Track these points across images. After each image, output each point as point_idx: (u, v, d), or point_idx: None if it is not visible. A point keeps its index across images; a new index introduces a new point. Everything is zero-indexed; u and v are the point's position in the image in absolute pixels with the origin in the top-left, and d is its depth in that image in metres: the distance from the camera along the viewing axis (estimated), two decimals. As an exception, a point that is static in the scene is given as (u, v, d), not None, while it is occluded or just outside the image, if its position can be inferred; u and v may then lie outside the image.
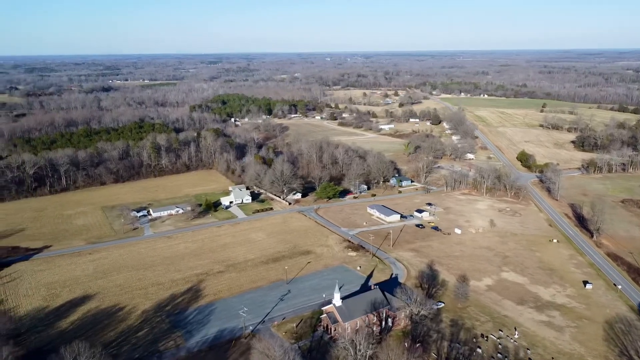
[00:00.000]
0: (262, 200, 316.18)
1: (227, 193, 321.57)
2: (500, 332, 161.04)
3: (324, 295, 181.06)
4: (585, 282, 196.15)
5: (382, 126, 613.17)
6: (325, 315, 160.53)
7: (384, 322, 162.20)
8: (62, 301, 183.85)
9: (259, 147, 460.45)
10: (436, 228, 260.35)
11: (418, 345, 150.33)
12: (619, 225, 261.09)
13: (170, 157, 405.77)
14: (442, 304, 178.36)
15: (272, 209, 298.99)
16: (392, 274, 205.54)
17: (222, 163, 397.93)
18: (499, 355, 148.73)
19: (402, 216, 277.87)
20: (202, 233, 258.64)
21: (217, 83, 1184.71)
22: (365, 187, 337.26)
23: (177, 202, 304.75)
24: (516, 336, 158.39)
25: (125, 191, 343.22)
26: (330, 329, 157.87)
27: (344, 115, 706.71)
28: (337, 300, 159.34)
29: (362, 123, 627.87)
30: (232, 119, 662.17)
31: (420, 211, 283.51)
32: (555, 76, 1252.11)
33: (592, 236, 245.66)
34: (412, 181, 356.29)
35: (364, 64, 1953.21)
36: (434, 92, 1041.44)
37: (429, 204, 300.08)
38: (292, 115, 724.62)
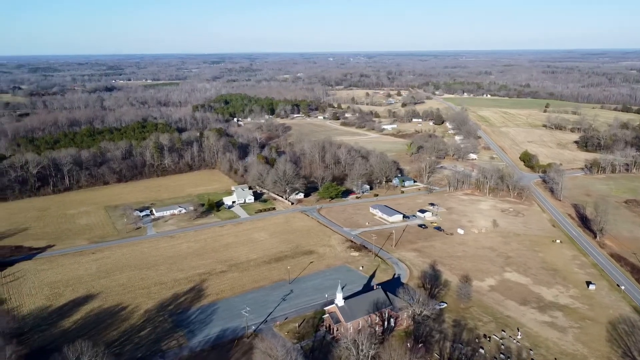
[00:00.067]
0: (265, 200, 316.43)
1: (230, 193, 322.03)
2: (503, 332, 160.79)
3: (326, 295, 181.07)
4: (589, 283, 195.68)
5: (384, 126, 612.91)
6: (328, 315, 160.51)
7: (386, 322, 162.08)
8: (65, 300, 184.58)
9: (262, 147, 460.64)
10: (439, 228, 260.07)
11: (420, 345, 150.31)
12: (622, 225, 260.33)
13: (173, 156, 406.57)
14: (445, 304, 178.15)
15: (274, 208, 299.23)
16: (394, 274, 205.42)
17: (224, 163, 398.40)
18: (502, 355, 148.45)
19: (404, 216, 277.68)
20: (204, 233, 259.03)
21: (220, 83, 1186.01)
22: (368, 187, 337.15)
23: (180, 202, 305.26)
24: (519, 337, 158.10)
25: (128, 191, 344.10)
26: (333, 329, 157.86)
27: (346, 115, 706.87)
28: (340, 300, 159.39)
29: (365, 123, 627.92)
30: (235, 119, 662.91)
31: (422, 211, 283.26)
32: (559, 76, 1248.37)
33: (596, 237, 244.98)
34: (415, 181, 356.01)
35: (367, 64, 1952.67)
36: (436, 92, 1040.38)
37: (432, 204, 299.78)
38: (295, 115, 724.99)
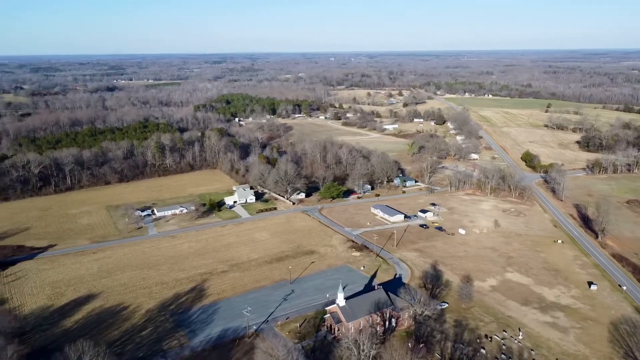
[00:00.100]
0: (266, 200, 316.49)
1: (231, 193, 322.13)
2: (504, 332, 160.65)
3: (327, 295, 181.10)
4: (590, 283, 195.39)
5: (386, 126, 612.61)
6: (329, 315, 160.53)
7: (387, 323, 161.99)
8: (67, 300, 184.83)
9: (263, 146, 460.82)
10: (440, 228, 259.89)
11: (422, 345, 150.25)
12: (624, 226, 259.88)
13: (175, 156, 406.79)
14: (446, 305, 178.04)
15: (275, 208, 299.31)
16: (395, 274, 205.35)
17: (226, 163, 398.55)
18: (503, 356, 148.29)
19: (406, 216, 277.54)
20: (206, 233, 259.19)
21: (221, 83, 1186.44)
22: (369, 187, 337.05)
23: (181, 202, 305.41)
24: (520, 337, 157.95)
25: (129, 191, 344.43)
26: (334, 329, 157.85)
27: (347, 115, 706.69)
28: (341, 300, 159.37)
29: (366, 123, 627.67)
30: (236, 119, 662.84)
31: (424, 211, 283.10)
32: (560, 76, 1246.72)
33: (597, 237, 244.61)
34: (416, 181, 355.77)
35: (368, 64, 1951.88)
36: (438, 92, 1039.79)
37: (433, 204, 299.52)
38: (296, 115, 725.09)
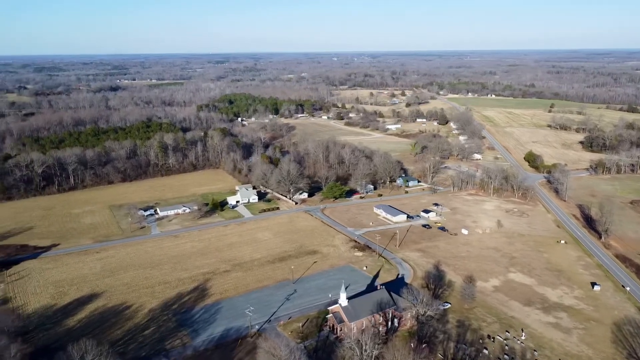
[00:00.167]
0: (269, 200, 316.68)
1: (234, 192, 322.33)
2: (507, 333, 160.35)
3: (330, 295, 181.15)
4: (593, 284, 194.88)
5: (388, 126, 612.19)
6: (332, 315, 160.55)
7: (390, 323, 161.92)
8: (70, 299, 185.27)
9: (266, 146, 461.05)
10: (443, 228, 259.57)
11: (424, 345, 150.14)
12: (627, 226, 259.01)
13: (178, 156, 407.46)
14: (449, 305, 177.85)
15: (278, 208, 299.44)
16: (398, 274, 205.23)
17: (228, 162, 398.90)
18: (506, 356, 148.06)
19: (408, 216, 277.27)
20: (208, 232, 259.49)
21: (224, 83, 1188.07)
22: (372, 187, 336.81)
23: (184, 202, 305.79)
24: (523, 337, 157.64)
25: (132, 190, 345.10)
26: (336, 328, 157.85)
27: (350, 115, 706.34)
28: (343, 300, 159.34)
29: (369, 123, 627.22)
30: (239, 119, 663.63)
31: (426, 211, 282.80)
32: (564, 76, 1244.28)
33: (601, 237, 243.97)
34: (419, 181, 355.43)
35: (371, 64, 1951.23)
36: (441, 92, 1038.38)
37: (436, 204, 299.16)
38: (299, 115, 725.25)
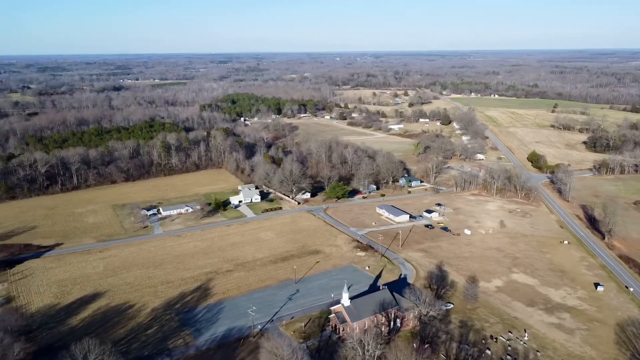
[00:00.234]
0: (271, 200, 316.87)
1: (237, 192, 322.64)
2: (510, 333, 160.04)
3: (332, 295, 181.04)
4: (597, 285, 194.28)
5: (391, 126, 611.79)
6: (334, 315, 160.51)
7: (392, 323, 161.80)
8: (73, 298, 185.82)
9: (268, 146, 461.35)
10: (445, 229, 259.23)
11: (427, 346, 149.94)
12: (631, 227, 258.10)
13: (180, 156, 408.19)
14: (451, 305, 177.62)
15: (281, 208, 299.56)
16: (400, 275, 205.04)
17: (231, 162, 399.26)
18: (509, 357, 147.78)
19: (411, 216, 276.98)
20: (211, 232, 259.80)
21: (227, 82, 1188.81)
22: (375, 187, 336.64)
23: (187, 201, 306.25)
24: (526, 338, 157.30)
25: (135, 190, 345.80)
26: (339, 328, 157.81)
27: (353, 115, 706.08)
28: (346, 300, 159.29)
29: (372, 123, 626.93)
30: (242, 119, 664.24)
31: (429, 211, 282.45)
32: (567, 76, 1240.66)
33: (604, 238, 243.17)
34: (422, 181, 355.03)
35: (374, 64, 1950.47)
36: (444, 92, 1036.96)
37: (439, 204, 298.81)
38: (302, 115, 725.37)
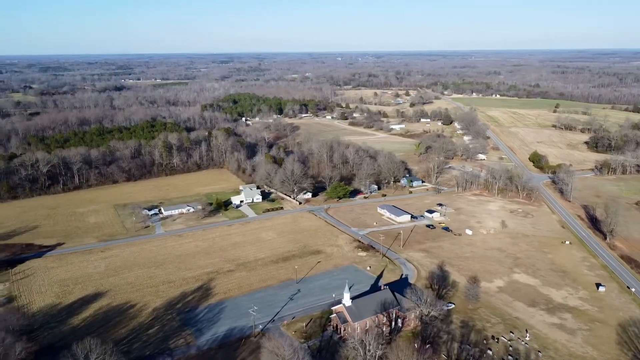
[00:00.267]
0: (273, 200, 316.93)
1: (238, 192, 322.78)
2: (511, 334, 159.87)
3: (333, 295, 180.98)
4: (598, 285, 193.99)
5: (393, 126, 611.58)
6: (335, 315, 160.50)
7: (393, 323, 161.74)
8: (75, 298, 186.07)
9: (270, 146, 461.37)
10: (447, 229, 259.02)
11: (428, 346, 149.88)
12: (633, 227, 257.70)
13: (182, 156, 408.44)
14: (453, 305, 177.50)
15: (282, 208, 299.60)
16: (402, 275, 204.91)
17: (232, 162, 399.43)
18: (510, 357, 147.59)
19: (412, 216, 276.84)
20: (212, 232, 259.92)
21: (229, 82, 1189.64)
22: (376, 187, 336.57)
23: (188, 201, 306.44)
24: (527, 338, 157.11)
25: (137, 190, 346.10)
26: (340, 328, 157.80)
27: (354, 115, 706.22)
28: (347, 300, 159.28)
29: (373, 123, 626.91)
30: (243, 119, 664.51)
31: (430, 212, 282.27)
32: (569, 76, 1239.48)
33: (606, 238, 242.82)
34: (423, 181, 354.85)
35: (375, 64, 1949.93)
36: (445, 92, 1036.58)
37: (440, 204, 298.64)
38: (303, 115, 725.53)
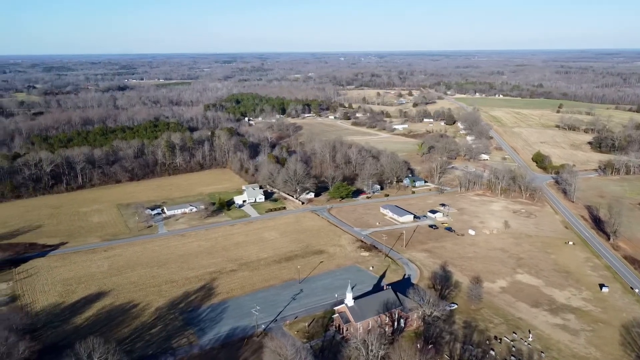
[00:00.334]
0: (275, 200, 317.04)
1: (241, 192, 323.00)
2: (514, 334, 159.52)
3: (336, 295, 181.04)
4: (602, 285, 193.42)
5: (395, 126, 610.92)
6: (338, 315, 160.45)
7: (396, 323, 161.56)
8: (78, 297, 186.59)
9: (273, 146, 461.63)
10: (450, 229, 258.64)
11: (430, 346, 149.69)
12: (636, 228, 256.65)
13: (185, 155, 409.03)
14: (455, 306, 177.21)
15: (285, 208, 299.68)
16: (404, 275, 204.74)
17: (235, 162, 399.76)
18: (513, 358, 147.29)
19: (415, 216, 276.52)
20: (215, 231, 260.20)
21: (231, 82, 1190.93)
22: (379, 187, 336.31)
23: (191, 201, 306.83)
24: (530, 339, 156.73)
25: (140, 189, 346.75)
26: (342, 328, 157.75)
27: (357, 115, 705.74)
28: (350, 300, 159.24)
29: (376, 123, 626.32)
30: (246, 118, 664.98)
31: (433, 212, 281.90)
32: (572, 76, 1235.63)
33: (609, 239, 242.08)
34: (426, 181, 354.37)
35: (378, 64, 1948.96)
36: (448, 92, 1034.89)
37: (443, 204, 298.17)
38: (306, 115, 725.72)
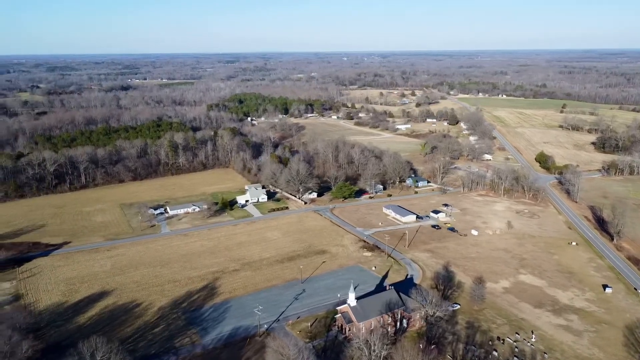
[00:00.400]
0: (278, 200, 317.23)
1: (243, 192, 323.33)
2: (517, 335, 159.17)
3: (338, 295, 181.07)
4: (605, 286, 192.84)
5: (398, 126, 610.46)
6: (340, 315, 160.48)
7: (398, 323, 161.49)
8: (81, 296, 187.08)
9: (275, 146, 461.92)
10: (452, 229, 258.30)
11: (433, 346, 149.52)
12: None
13: (188, 155, 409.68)
14: (458, 306, 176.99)
15: (287, 208, 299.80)
16: (407, 275, 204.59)
17: (238, 162, 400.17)
18: (516, 358, 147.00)
19: (418, 217, 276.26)
20: (218, 231, 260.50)
21: (234, 82, 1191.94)
22: (381, 187, 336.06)
23: (194, 201, 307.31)
24: (533, 340, 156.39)
25: (143, 189, 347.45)
26: (345, 328, 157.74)
27: (360, 115, 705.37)
28: (352, 300, 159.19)
29: (379, 123, 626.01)
30: (249, 118, 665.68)
31: (436, 212, 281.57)
32: (576, 76, 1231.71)
33: (613, 239, 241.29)
34: (429, 182, 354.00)
35: (381, 64, 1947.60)
36: (451, 92, 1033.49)
37: (446, 204, 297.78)
38: (309, 115, 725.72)
